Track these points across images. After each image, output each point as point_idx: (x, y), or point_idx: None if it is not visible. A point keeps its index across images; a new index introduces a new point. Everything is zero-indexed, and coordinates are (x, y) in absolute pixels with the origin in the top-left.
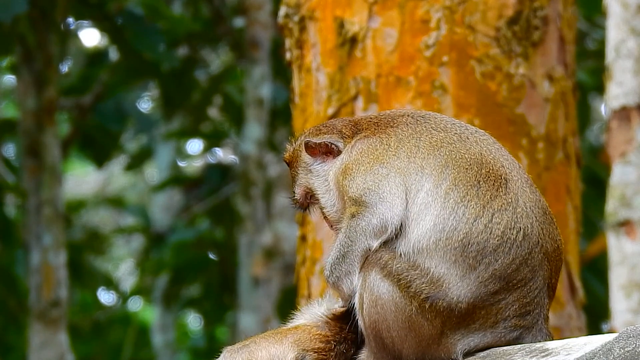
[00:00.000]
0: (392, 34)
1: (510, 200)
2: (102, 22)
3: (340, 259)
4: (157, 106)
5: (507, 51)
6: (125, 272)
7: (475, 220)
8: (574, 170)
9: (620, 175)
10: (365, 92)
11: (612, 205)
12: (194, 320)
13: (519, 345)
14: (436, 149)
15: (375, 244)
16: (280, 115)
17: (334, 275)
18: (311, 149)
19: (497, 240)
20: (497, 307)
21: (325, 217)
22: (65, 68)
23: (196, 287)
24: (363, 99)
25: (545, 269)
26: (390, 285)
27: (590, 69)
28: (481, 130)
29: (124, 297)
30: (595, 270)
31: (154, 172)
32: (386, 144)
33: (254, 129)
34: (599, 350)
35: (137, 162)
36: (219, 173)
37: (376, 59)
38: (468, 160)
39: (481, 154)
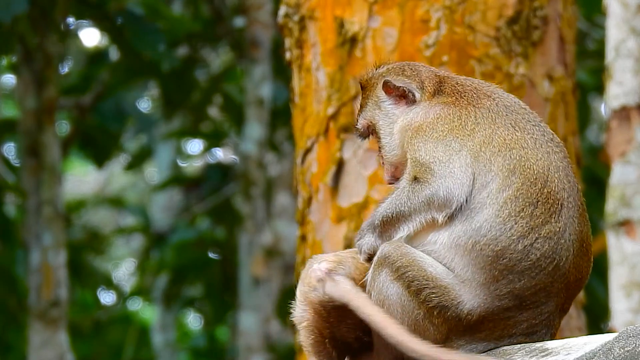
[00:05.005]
0: (392, 34)
1: (558, 229)
2: (102, 22)
3: (393, 217)
4: (157, 106)
5: (507, 51)
6: (125, 272)
7: (518, 239)
8: (574, 170)
9: (620, 175)
10: None
11: (612, 205)
12: (194, 320)
13: (518, 345)
14: (508, 149)
15: (439, 217)
16: (280, 115)
17: (378, 230)
18: (388, 87)
19: (529, 264)
20: (505, 322)
21: (380, 151)
22: (65, 68)
23: (197, 287)
24: None
25: (561, 296)
26: (400, 288)
27: (590, 69)
28: (557, 138)
29: (124, 297)
30: (595, 270)
31: (154, 172)
32: (464, 122)
33: (254, 129)
34: (599, 350)
35: (137, 162)
36: (219, 173)
37: (376, 59)
38: (535, 172)
39: (549, 169)
